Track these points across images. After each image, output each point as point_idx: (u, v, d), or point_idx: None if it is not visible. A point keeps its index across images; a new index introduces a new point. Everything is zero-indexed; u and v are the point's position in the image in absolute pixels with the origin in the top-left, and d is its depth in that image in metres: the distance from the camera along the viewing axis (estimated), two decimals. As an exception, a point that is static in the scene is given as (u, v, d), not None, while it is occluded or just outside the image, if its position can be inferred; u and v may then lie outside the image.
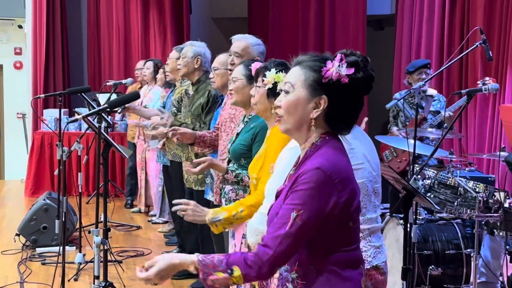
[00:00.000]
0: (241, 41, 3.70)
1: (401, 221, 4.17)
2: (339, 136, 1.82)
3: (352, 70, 1.74)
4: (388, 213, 4.53)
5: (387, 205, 5.81)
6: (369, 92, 1.79)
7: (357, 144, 2.37)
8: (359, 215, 1.77)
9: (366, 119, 5.73)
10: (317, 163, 1.69)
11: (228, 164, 3.20)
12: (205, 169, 3.17)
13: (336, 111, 1.77)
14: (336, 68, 1.74)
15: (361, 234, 2.31)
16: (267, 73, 2.63)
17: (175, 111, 5.08)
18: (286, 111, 1.80)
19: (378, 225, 2.51)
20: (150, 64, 7.10)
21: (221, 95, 4.35)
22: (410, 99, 5.62)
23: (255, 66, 2.89)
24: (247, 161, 3.03)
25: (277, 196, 1.86)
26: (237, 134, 3.18)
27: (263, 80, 2.72)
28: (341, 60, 1.74)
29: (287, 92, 1.81)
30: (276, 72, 2.62)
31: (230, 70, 3.66)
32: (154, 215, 7.04)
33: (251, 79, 2.98)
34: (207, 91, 4.59)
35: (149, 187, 7.12)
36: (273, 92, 2.67)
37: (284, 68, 2.67)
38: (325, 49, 8.82)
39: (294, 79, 1.80)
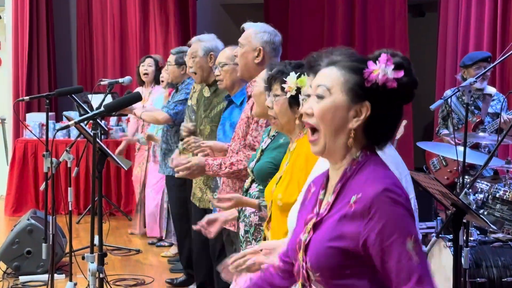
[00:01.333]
0: (247, 29, 3.72)
1: (450, 243, 4.14)
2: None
3: (401, 73, 1.73)
4: (434, 234, 4.50)
5: (432, 224, 5.77)
6: (411, 100, 1.78)
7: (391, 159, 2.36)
8: None
9: (405, 121, 5.71)
10: (381, 184, 1.69)
11: (251, 184, 3.19)
12: (233, 207, 3.17)
13: (378, 121, 1.76)
14: (383, 69, 1.73)
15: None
16: (288, 78, 2.63)
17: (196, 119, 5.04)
18: (320, 120, 1.78)
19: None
20: (151, 61, 7.13)
21: (228, 95, 4.32)
22: (464, 97, 5.58)
23: (270, 71, 2.88)
24: None
25: (308, 225, 1.83)
26: (262, 150, 3.17)
27: (282, 88, 2.71)
28: (387, 60, 1.73)
29: (320, 97, 1.79)
30: (298, 76, 2.61)
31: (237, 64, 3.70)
32: (154, 238, 7.05)
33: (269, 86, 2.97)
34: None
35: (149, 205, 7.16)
36: (296, 100, 2.67)
37: (304, 71, 2.67)
38: (355, 40, 8.83)
39: (331, 82, 1.78)
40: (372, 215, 1.67)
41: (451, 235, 3.95)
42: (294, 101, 2.70)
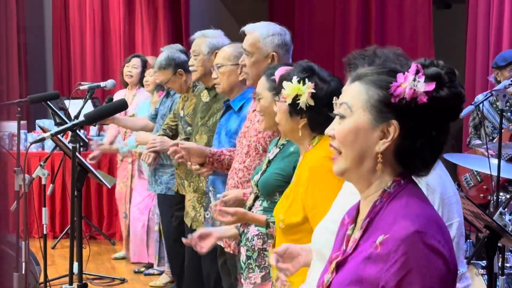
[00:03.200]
0: (250, 33, 3.73)
1: (483, 271, 4.14)
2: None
3: (432, 86, 1.71)
4: (465, 259, 4.50)
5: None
6: (457, 117, 1.75)
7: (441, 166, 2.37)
8: None
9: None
10: (412, 225, 1.66)
11: (254, 201, 3.19)
12: (234, 223, 3.17)
13: (410, 142, 1.73)
14: (411, 82, 1.71)
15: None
16: (284, 83, 2.66)
17: (191, 132, 5.05)
18: (342, 143, 1.78)
19: (470, 282, 2.52)
20: (137, 61, 7.15)
21: (226, 100, 4.32)
22: (498, 103, 5.59)
23: (279, 73, 2.90)
24: None
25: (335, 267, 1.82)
26: (269, 161, 3.18)
27: None
28: (417, 72, 1.72)
29: (342, 117, 1.78)
30: (299, 82, 2.64)
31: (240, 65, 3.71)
32: (141, 265, 7.05)
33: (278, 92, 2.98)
34: None
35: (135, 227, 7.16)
36: (295, 109, 2.73)
37: (309, 75, 2.69)
38: (371, 37, 8.83)
39: (352, 99, 1.78)
40: (397, 260, 1.64)
41: (485, 261, 3.94)
42: (294, 110, 2.73)
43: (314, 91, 2.67)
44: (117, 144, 7.04)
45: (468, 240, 5.28)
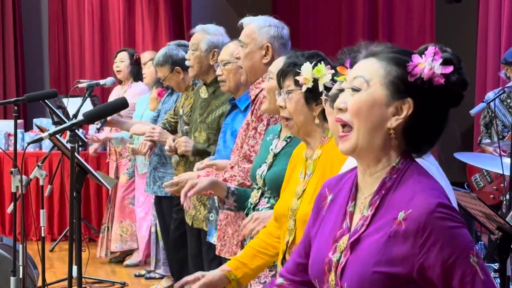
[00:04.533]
0: (248, 25, 3.74)
1: (495, 274, 4.13)
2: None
3: (450, 69, 1.77)
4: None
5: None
6: (458, 104, 1.82)
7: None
8: None
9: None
10: (434, 198, 1.74)
11: (261, 197, 3.18)
12: (206, 190, 3.20)
13: (421, 122, 1.80)
14: (429, 63, 1.77)
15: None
16: (303, 67, 2.63)
17: (188, 130, 5.06)
18: (355, 115, 1.81)
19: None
20: (123, 55, 7.17)
21: (232, 98, 4.31)
22: (509, 100, 5.58)
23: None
24: None
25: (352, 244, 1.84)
26: (275, 155, 3.17)
27: (296, 82, 2.72)
28: (435, 54, 1.78)
29: (356, 90, 1.82)
30: (314, 65, 2.62)
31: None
32: (142, 268, 7.06)
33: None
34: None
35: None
36: (314, 94, 2.68)
37: (321, 59, 2.67)
38: (379, 32, 8.82)
39: (370, 73, 1.82)
40: (428, 235, 1.71)
41: (497, 264, 3.93)
42: (311, 96, 2.71)
43: (334, 71, 2.62)
44: (113, 135, 7.01)
45: (480, 242, 5.27)
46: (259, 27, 3.70)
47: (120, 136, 6.75)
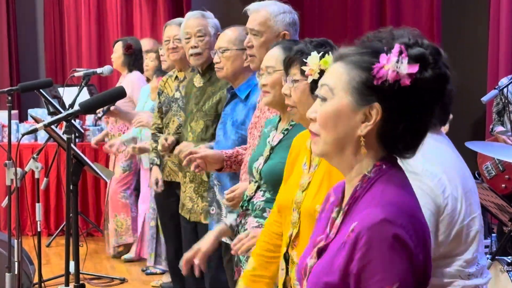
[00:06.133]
0: (258, 12, 3.71)
1: (509, 267, 4.13)
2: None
3: (416, 68, 1.72)
4: (489, 255, 4.49)
5: (486, 242, 5.75)
6: (440, 99, 1.77)
7: (460, 159, 2.36)
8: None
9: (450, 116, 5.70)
10: (381, 213, 1.68)
11: (256, 190, 3.18)
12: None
13: (393, 125, 1.76)
14: (393, 64, 1.73)
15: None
16: (309, 58, 2.63)
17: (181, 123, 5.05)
18: (322, 126, 1.80)
19: (490, 276, 2.50)
20: (118, 45, 7.17)
21: (230, 87, 4.30)
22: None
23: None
24: None
25: (318, 252, 1.85)
26: (272, 148, 3.17)
27: (302, 71, 2.71)
28: (400, 53, 1.73)
29: (324, 100, 1.81)
30: (321, 56, 2.62)
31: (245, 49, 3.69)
32: (133, 261, 7.09)
33: None
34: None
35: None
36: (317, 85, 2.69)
37: (330, 48, 2.66)
38: (387, 18, 8.81)
39: (334, 81, 1.80)
40: (361, 247, 1.68)
41: (510, 257, 3.93)
42: (317, 87, 2.70)
43: None
44: (122, 138, 7.01)
45: (493, 235, 5.27)
46: (273, 14, 3.69)
47: (131, 136, 6.73)
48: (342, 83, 1.78)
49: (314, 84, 2.70)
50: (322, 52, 2.62)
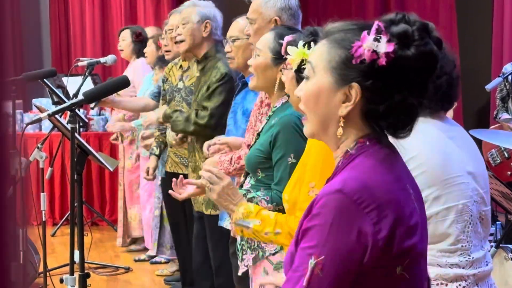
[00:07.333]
0: (254, 0, 3.72)
1: (513, 255, 4.14)
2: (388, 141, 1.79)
3: (391, 47, 1.67)
4: (493, 243, 4.49)
5: (491, 230, 5.76)
6: (430, 76, 1.72)
7: (453, 147, 2.35)
8: (417, 259, 1.72)
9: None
10: (339, 183, 1.67)
11: (245, 178, 3.20)
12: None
13: (375, 104, 1.72)
14: (370, 43, 1.68)
15: (463, 284, 2.30)
16: (289, 48, 2.64)
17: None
18: (305, 105, 1.79)
19: (487, 268, 2.49)
20: (126, 33, 7.15)
21: (241, 76, 4.31)
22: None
23: (288, 38, 2.89)
24: (266, 174, 3.06)
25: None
26: (258, 134, 3.19)
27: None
28: (378, 31, 1.68)
29: (307, 78, 1.80)
30: (304, 46, 2.62)
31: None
32: (139, 250, 7.11)
33: (279, 57, 2.99)
34: (216, 68, 4.57)
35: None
36: (301, 76, 2.69)
37: (314, 38, 2.67)
38: (391, 6, 8.80)
39: (316, 59, 1.78)
40: (312, 212, 1.68)
41: (515, 245, 3.93)
42: (300, 77, 2.71)
43: None
44: (134, 124, 6.99)
45: (497, 222, 5.27)
46: (265, 1, 3.69)
47: (140, 123, 6.73)
48: (323, 62, 1.75)
49: (297, 75, 2.72)
50: (304, 43, 2.62)
